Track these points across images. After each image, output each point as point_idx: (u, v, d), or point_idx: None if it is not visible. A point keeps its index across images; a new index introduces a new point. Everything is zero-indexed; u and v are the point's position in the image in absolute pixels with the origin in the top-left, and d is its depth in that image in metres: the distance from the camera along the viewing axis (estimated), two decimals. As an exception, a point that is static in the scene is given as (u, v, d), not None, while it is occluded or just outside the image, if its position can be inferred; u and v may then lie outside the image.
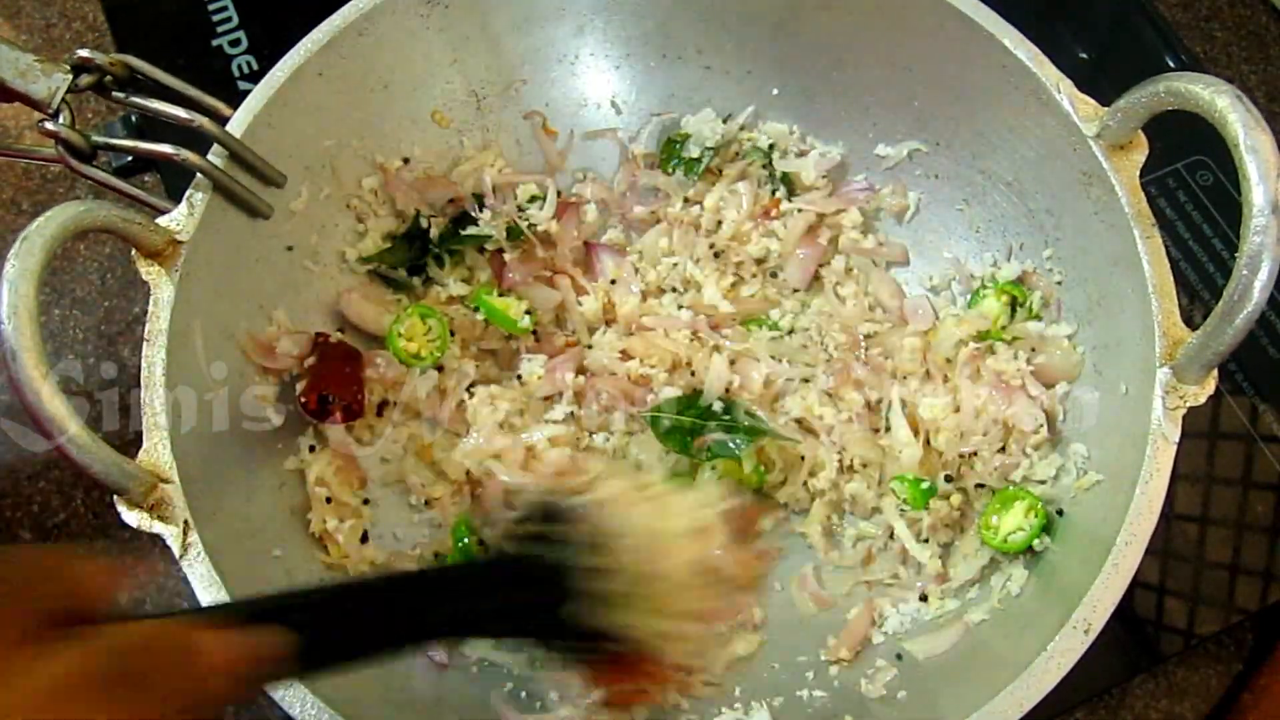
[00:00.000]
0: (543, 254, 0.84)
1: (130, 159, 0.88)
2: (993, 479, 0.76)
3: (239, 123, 0.70)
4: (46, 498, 0.88)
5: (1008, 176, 0.79)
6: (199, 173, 0.68)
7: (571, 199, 0.87)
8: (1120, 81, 0.66)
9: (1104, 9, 1.02)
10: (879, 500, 0.79)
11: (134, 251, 0.66)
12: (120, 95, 0.68)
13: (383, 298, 0.83)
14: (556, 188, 0.85)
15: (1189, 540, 0.82)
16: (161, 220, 0.67)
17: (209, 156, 0.68)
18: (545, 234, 0.84)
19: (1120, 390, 0.69)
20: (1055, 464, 0.74)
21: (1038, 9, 0.97)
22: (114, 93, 0.68)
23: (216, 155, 0.69)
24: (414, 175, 0.83)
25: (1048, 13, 0.99)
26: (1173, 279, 0.65)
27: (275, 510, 0.73)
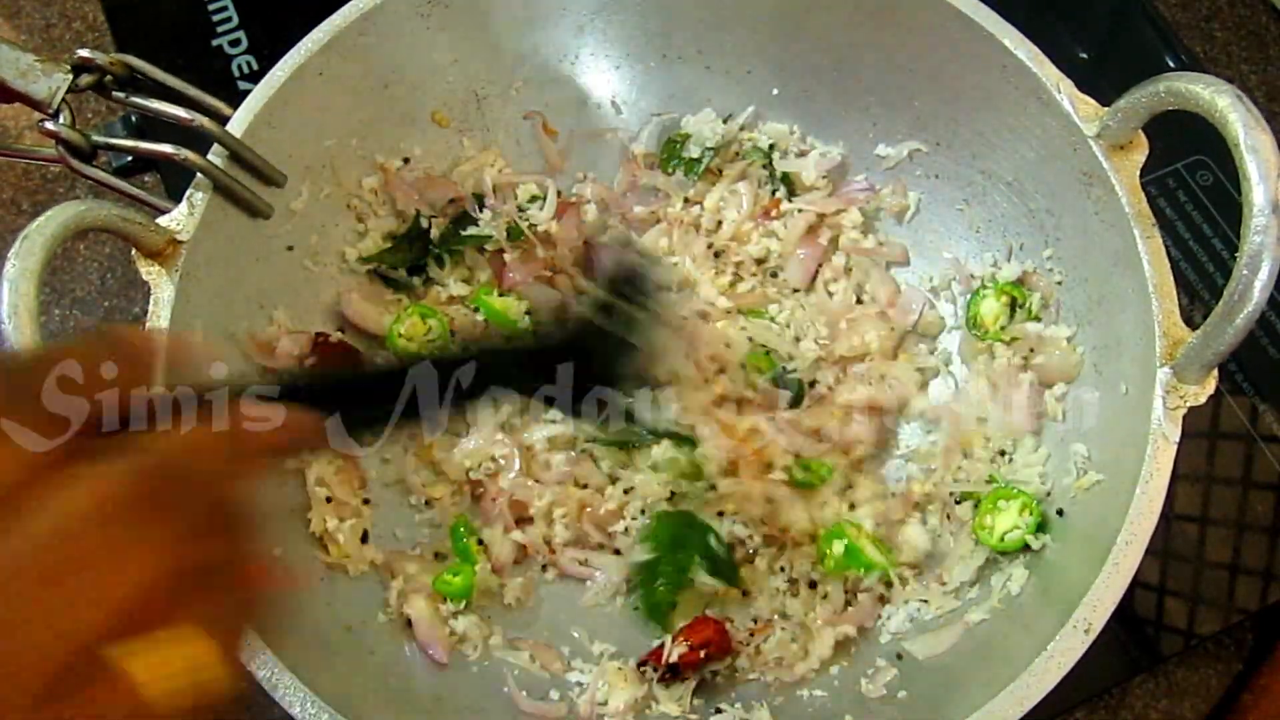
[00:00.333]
0: (543, 254, 0.84)
1: (130, 159, 0.88)
2: (971, 485, 0.76)
3: (239, 122, 0.70)
4: (46, 498, 0.88)
5: (1008, 176, 0.79)
6: (199, 172, 0.68)
7: (571, 199, 0.86)
8: (1120, 81, 0.66)
9: (1104, 9, 1.02)
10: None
11: (134, 251, 0.66)
12: (120, 95, 0.68)
13: (382, 298, 0.83)
14: (556, 188, 0.85)
15: (1189, 540, 0.82)
16: (162, 220, 0.67)
17: (209, 156, 0.68)
18: (545, 234, 0.84)
19: (1120, 390, 0.69)
20: (1038, 462, 0.75)
21: (1038, 9, 0.97)
22: (114, 93, 0.68)
23: (217, 155, 0.69)
24: (414, 175, 0.83)
25: (1047, 13, 0.99)
26: (1173, 279, 0.65)
27: (275, 510, 0.73)
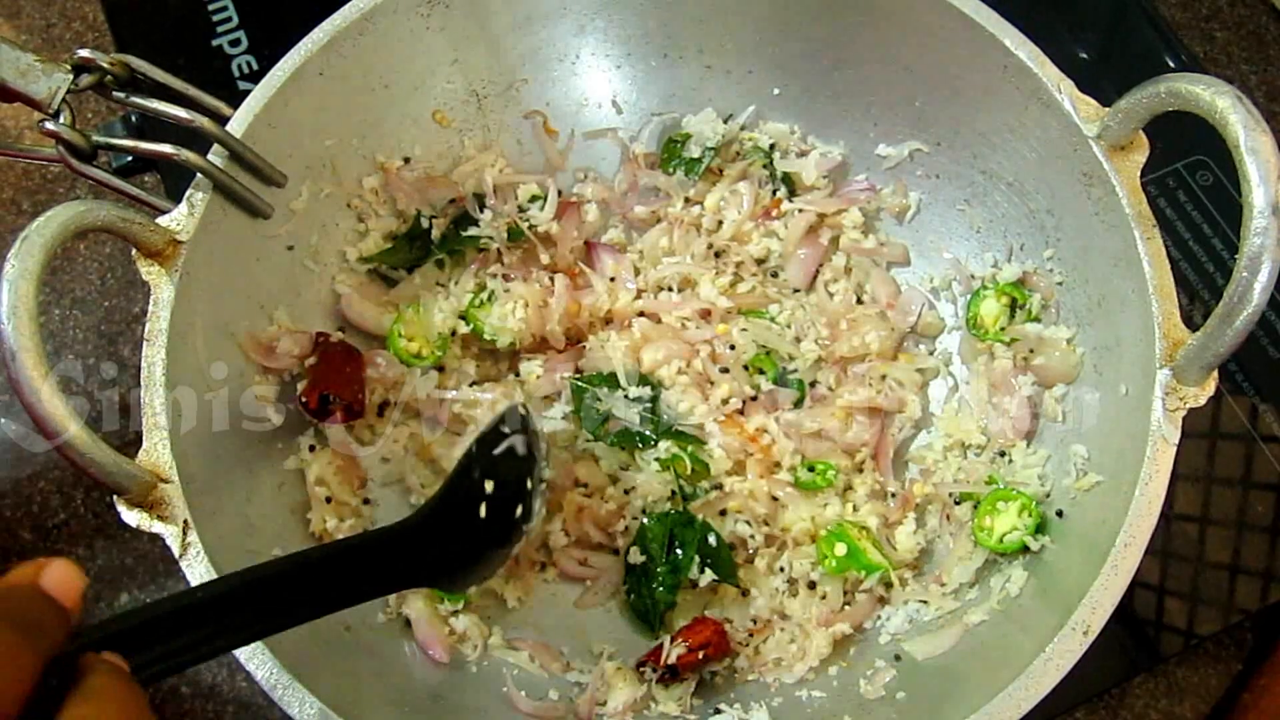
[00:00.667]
0: (544, 254, 0.84)
1: (130, 160, 0.88)
2: (970, 487, 0.76)
3: (239, 122, 0.70)
4: (46, 498, 0.88)
5: (1008, 177, 0.79)
6: (199, 172, 0.68)
7: (572, 199, 0.86)
8: (1120, 82, 0.66)
9: (1104, 9, 1.02)
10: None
11: (134, 251, 0.66)
12: (121, 95, 0.67)
13: (382, 298, 0.83)
14: (557, 188, 0.85)
15: (1189, 540, 0.82)
16: (162, 220, 0.67)
17: (209, 156, 0.68)
18: (545, 234, 0.84)
19: (1120, 391, 0.69)
20: (1037, 463, 0.75)
21: (1038, 9, 0.97)
22: (114, 93, 0.67)
23: (217, 155, 0.69)
24: (415, 175, 0.83)
25: (1048, 13, 0.99)
26: (1173, 280, 0.65)
27: (275, 510, 0.73)
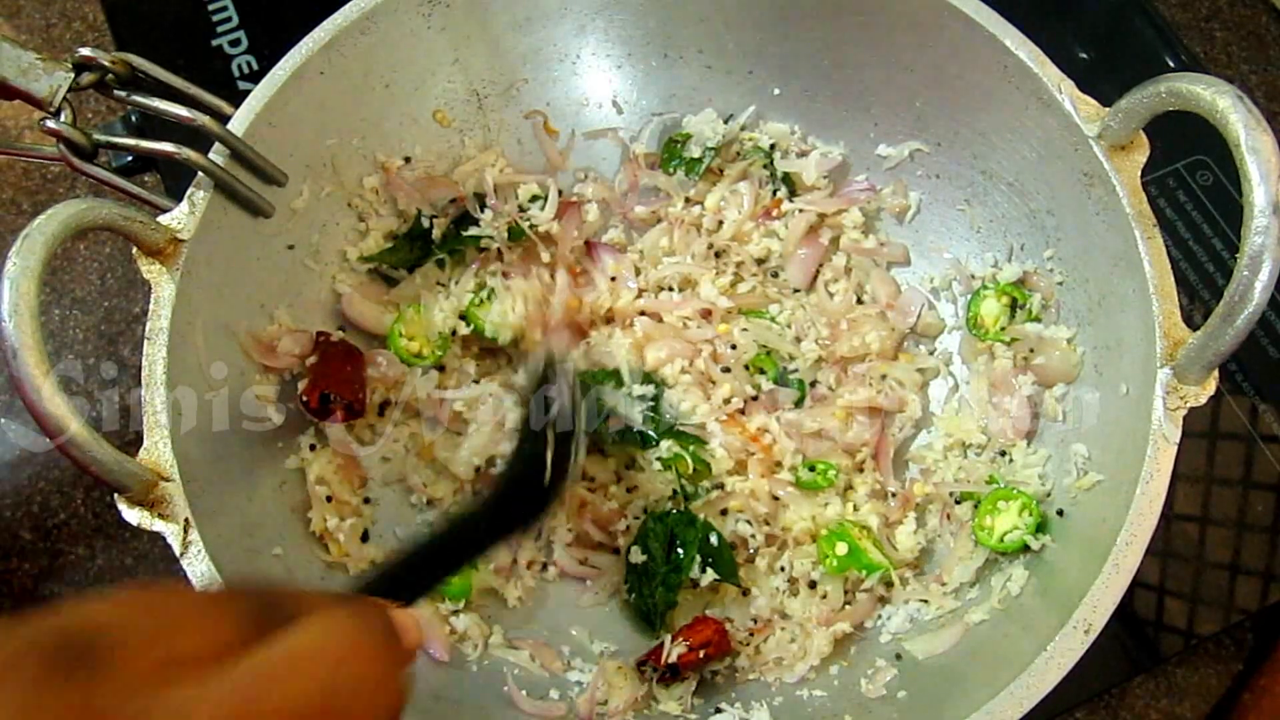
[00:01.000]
0: (545, 253, 0.84)
1: (130, 161, 0.88)
2: (970, 486, 0.76)
3: (240, 121, 0.70)
4: (46, 498, 0.88)
5: (1009, 177, 0.79)
6: (200, 171, 0.67)
7: (573, 199, 0.86)
8: (1120, 81, 0.66)
9: (1104, 9, 1.02)
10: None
11: (135, 250, 0.66)
12: (122, 94, 0.67)
13: (382, 297, 0.83)
14: (558, 188, 0.85)
15: (1189, 540, 0.82)
16: (163, 219, 0.67)
17: (210, 155, 0.68)
18: (546, 234, 0.84)
19: (1121, 391, 0.69)
20: (1038, 463, 0.75)
21: (1038, 9, 0.97)
22: (115, 91, 0.67)
23: (218, 154, 0.69)
24: (416, 175, 0.83)
25: (1048, 13, 0.99)
26: (1173, 279, 0.65)
27: (275, 509, 0.73)
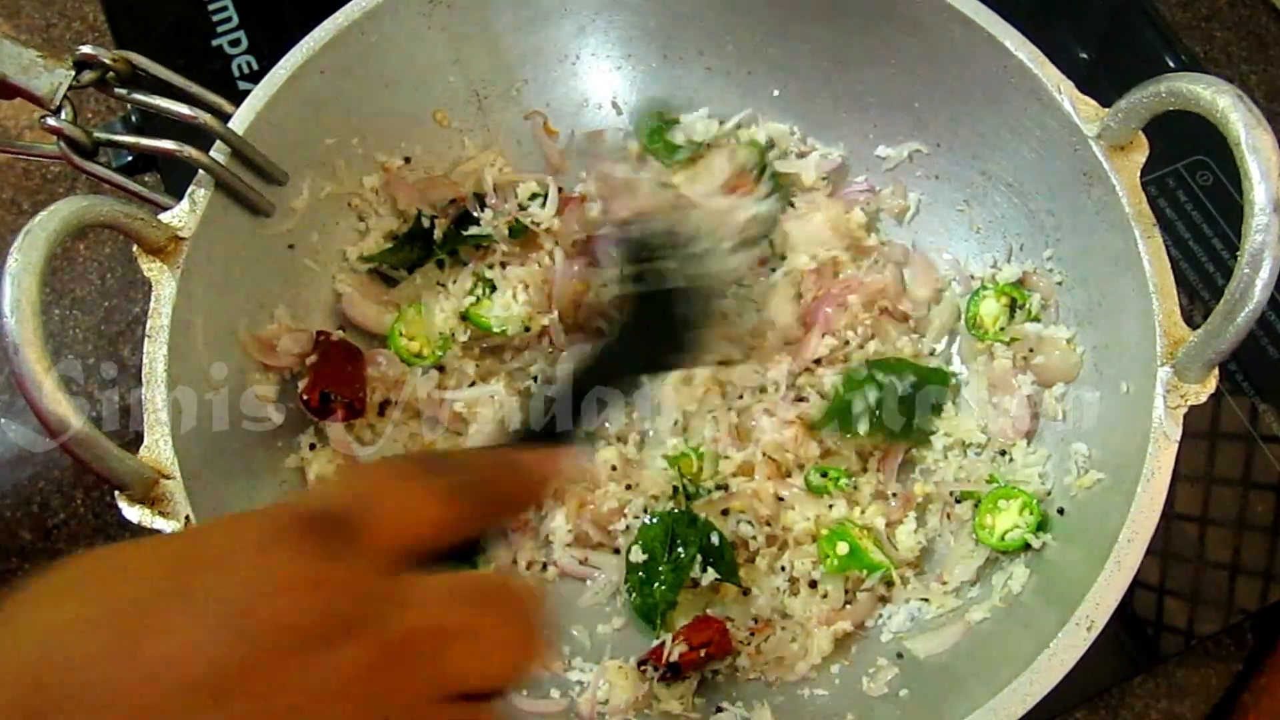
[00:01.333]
0: (547, 242, 0.84)
1: (130, 160, 0.89)
2: (971, 485, 0.76)
3: (241, 120, 0.70)
4: (46, 498, 0.88)
5: (1008, 177, 0.79)
6: (201, 169, 0.68)
7: (574, 195, 0.86)
8: (1120, 81, 0.67)
9: (1104, 9, 1.02)
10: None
11: (135, 248, 0.66)
12: (123, 92, 0.67)
13: (382, 297, 0.83)
14: (558, 185, 0.85)
15: (1189, 540, 0.82)
16: (164, 216, 0.67)
17: (211, 153, 0.68)
18: (547, 230, 0.84)
19: (1121, 389, 0.69)
20: (1038, 462, 0.75)
21: (1038, 10, 0.97)
22: (116, 89, 0.67)
23: (219, 152, 0.69)
24: (416, 176, 0.83)
25: (1048, 13, 0.99)
26: (1173, 279, 0.66)
27: (276, 508, 0.73)
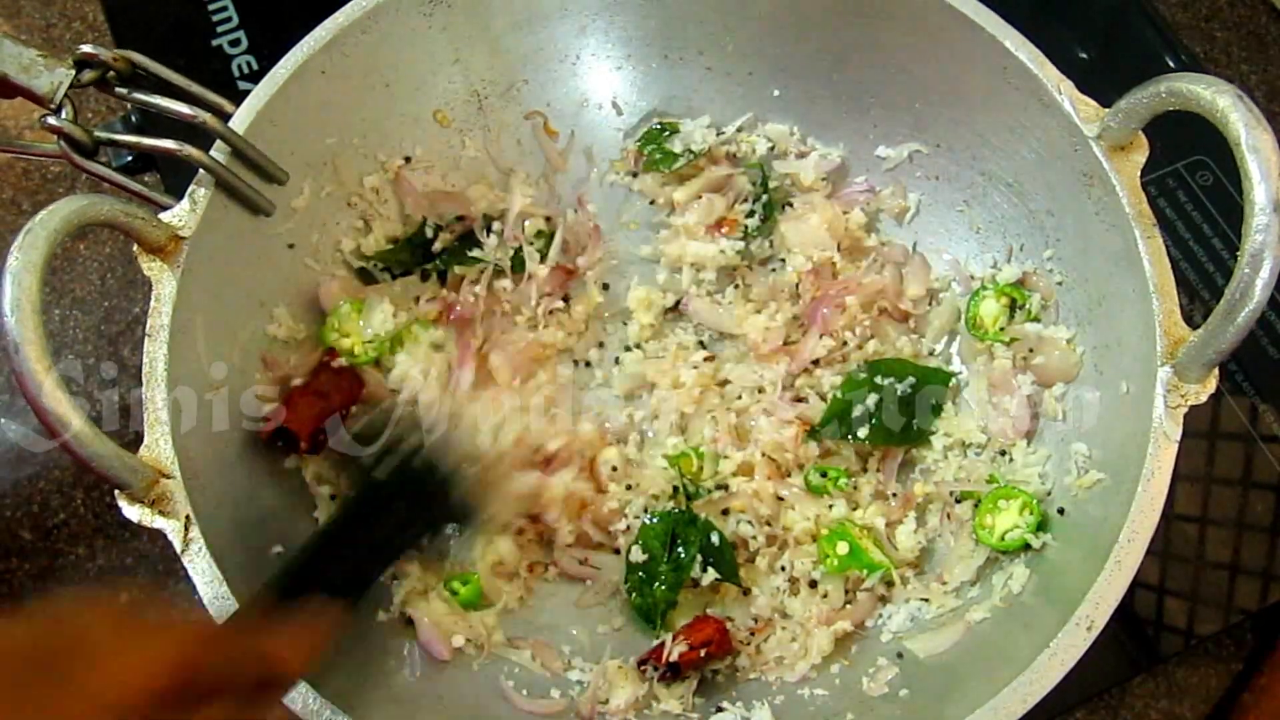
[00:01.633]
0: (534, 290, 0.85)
1: (130, 160, 0.89)
2: (971, 485, 0.76)
3: (242, 119, 0.70)
4: (46, 498, 0.88)
5: (1008, 177, 0.79)
6: (202, 168, 0.68)
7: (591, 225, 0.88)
8: (1120, 82, 0.67)
9: (1104, 9, 1.02)
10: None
11: (136, 247, 0.66)
12: (123, 91, 0.67)
13: (357, 292, 0.81)
14: (565, 228, 0.86)
15: (1189, 540, 0.82)
16: (164, 216, 0.67)
17: (211, 153, 0.68)
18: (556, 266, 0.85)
19: (1121, 389, 0.69)
20: (1038, 462, 0.75)
21: (1038, 10, 0.98)
22: (117, 89, 0.67)
23: (219, 151, 0.69)
24: (428, 186, 0.83)
25: (1047, 13, 0.99)
26: (1173, 278, 0.66)
27: (276, 507, 0.73)
